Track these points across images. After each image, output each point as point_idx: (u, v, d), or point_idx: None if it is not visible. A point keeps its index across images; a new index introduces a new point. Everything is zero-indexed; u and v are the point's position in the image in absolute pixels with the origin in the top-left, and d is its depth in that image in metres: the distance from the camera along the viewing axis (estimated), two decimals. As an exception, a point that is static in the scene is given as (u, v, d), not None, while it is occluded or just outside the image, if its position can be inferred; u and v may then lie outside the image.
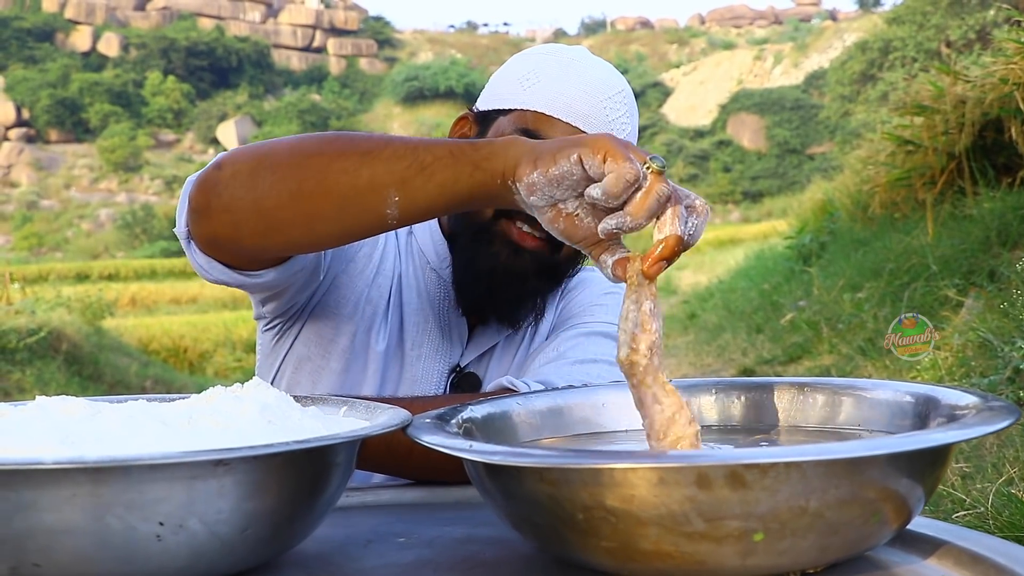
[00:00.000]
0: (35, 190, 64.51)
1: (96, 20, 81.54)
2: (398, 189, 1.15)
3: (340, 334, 1.68)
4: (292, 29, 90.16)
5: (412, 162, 1.14)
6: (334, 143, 1.21)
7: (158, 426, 0.96)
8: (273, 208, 1.23)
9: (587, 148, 1.00)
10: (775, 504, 0.85)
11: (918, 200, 7.50)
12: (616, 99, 1.62)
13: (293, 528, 0.99)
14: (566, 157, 1.01)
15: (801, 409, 1.22)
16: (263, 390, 1.08)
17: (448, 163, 1.13)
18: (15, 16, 78.48)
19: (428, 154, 1.14)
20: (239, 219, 1.27)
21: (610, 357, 1.66)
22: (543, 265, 1.62)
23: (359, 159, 1.17)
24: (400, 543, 1.13)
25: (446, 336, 1.73)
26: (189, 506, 0.88)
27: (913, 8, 33.55)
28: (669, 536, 0.87)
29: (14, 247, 55.68)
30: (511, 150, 1.09)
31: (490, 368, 1.75)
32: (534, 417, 1.21)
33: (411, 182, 1.14)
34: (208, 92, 78.47)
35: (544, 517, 0.93)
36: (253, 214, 1.25)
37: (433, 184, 1.14)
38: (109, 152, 67.87)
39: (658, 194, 0.98)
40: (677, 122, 73.82)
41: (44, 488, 0.85)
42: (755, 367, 7.51)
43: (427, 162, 1.14)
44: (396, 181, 1.15)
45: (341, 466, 1.01)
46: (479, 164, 1.11)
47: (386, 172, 1.15)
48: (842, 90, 41.74)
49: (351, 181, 1.17)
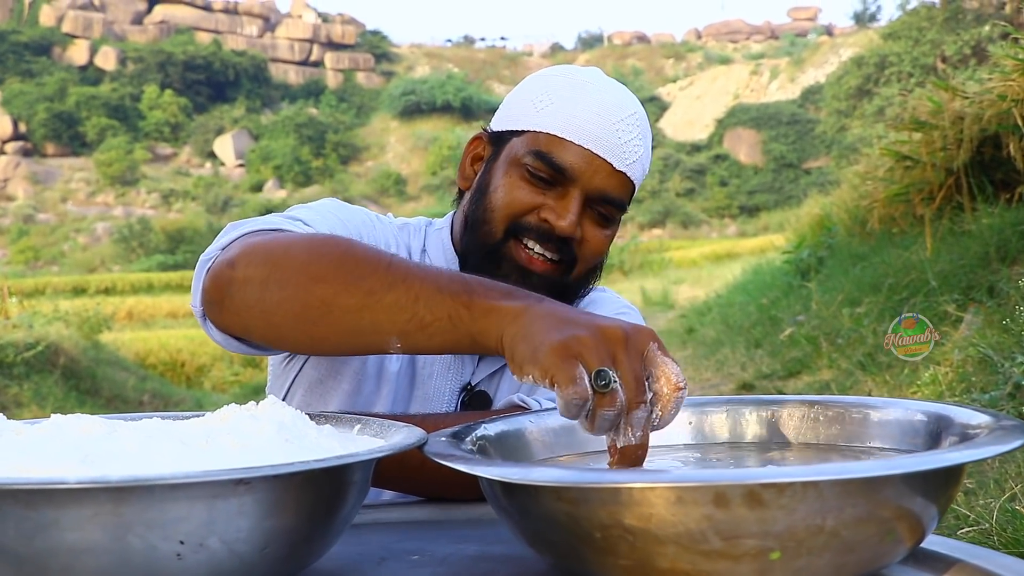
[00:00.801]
0: (32, 204, 64.49)
1: (93, 34, 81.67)
2: (400, 338, 1.18)
3: (351, 357, 1.67)
4: (289, 43, 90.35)
5: (412, 316, 1.16)
6: (341, 269, 1.21)
7: (176, 445, 0.97)
8: (280, 324, 1.26)
9: (537, 370, 1.01)
10: (792, 523, 0.86)
11: (916, 216, 7.53)
12: (628, 121, 1.63)
13: (311, 547, 0.99)
14: (526, 374, 1.03)
15: (811, 427, 1.22)
16: (279, 408, 1.08)
17: (447, 327, 1.14)
18: (12, 30, 78.60)
19: (428, 312, 1.15)
20: (248, 323, 1.31)
21: None
22: (553, 287, 1.63)
23: (363, 299, 1.18)
24: (413, 560, 1.13)
25: (457, 355, 1.73)
26: (210, 525, 0.88)
27: (909, 24, 33.75)
28: (686, 554, 0.88)
29: (10, 261, 55.63)
30: (504, 337, 1.09)
31: (501, 386, 1.75)
32: (547, 435, 1.21)
33: (411, 336, 1.17)
34: (205, 106, 78.59)
35: (561, 535, 0.93)
36: (261, 322, 1.28)
37: (433, 344, 1.16)
38: (106, 166, 67.93)
39: (602, 417, 1.00)
40: (674, 136, 74.02)
41: (66, 507, 0.85)
42: (754, 382, 7.52)
43: (427, 321, 1.15)
44: (398, 332, 1.17)
45: (358, 484, 1.02)
46: (476, 339, 1.12)
47: (387, 321, 1.17)
48: (838, 105, 41.92)
49: (354, 321, 1.19)
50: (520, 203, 1.63)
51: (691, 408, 1.27)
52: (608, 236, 1.68)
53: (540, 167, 1.61)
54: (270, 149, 71.15)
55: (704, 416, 1.26)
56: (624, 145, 1.62)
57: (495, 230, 1.64)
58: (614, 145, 1.61)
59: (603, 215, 1.65)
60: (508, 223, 1.63)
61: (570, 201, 1.61)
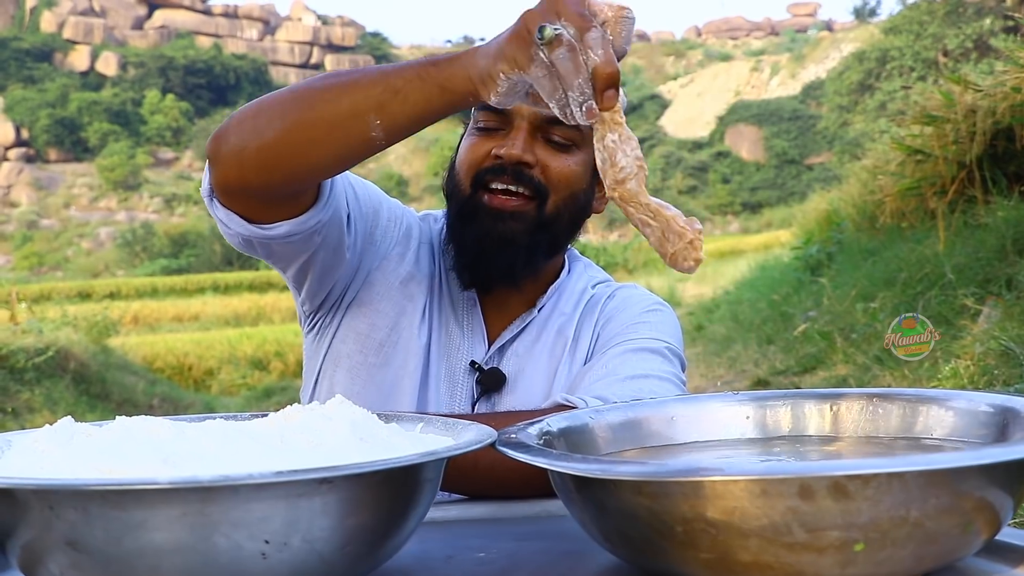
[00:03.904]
0: (35, 209, 64.56)
1: (94, 40, 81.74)
2: (377, 113, 1.28)
3: (376, 328, 1.74)
4: (290, 46, 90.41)
5: (385, 87, 1.27)
6: (324, 79, 1.36)
7: (253, 445, 0.97)
8: (272, 142, 1.36)
9: (504, 64, 1.16)
10: (877, 514, 0.86)
11: (928, 210, 7.52)
12: None
13: (388, 545, 0.99)
14: (498, 74, 1.17)
15: (871, 420, 1.22)
16: (348, 407, 1.09)
17: (417, 86, 1.25)
18: (14, 37, 78.69)
19: (399, 78, 1.27)
20: (244, 158, 1.39)
21: (659, 372, 1.67)
22: (531, 224, 1.67)
23: (340, 89, 1.32)
24: (480, 558, 1.13)
25: (466, 331, 1.77)
26: (294, 524, 0.89)
27: (910, 18, 33.65)
28: (770, 547, 0.88)
29: (14, 267, 55.70)
30: (469, 70, 1.21)
31: (507, 362, 1.77)
32: (608, 430, 1.21)
33: (388, 106, 1.28)
34: (206, 110, 78.63)
35: (640, 530, 0.93)
36: (256, 151, 1.38)
37: (408, 106, 1.27)
38: (108, 171, 67.98)
39: (559, 60, 1.10)
40: (675, 134, 73.97)
41: (155, 508, 0.85)
42: (769, 378, 7.52)
43: (398, 86, 1.26)
44: (374, 106, 1.28)
45: (432, 482, 1.02)
46: (444, 85, 1.24)
47: (364, 98, 1.29)
48: (840, 100, 41.82)
49: (335, 108, 1.31)
50: (476, 154, 1.69)
51: (750, 402, 1.27)
52: (574, 163, 1.69)
53: (484, 117, 1.69)
54: (272, 152, 71.19)
55: (763, 410, 1.26)
56: None
57: (464, 188, 1.70)
58: None
59: (558, 141, 1.67)
60: (472, 175, 1.69)
61: (515, 132, 1.66)
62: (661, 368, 1.68)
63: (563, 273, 1.86)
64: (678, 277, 25.55)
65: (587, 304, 1.84)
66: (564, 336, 1.79)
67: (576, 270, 1.89)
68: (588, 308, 1.83)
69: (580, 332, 1.80)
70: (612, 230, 48.59)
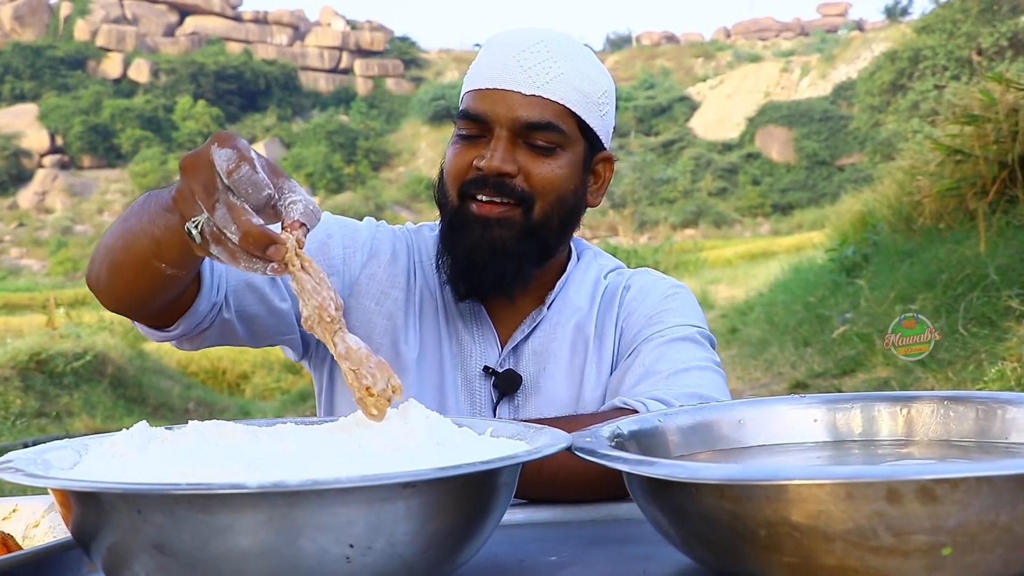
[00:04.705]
0: (69, 216, 65.14)
1: (127, 47, 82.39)
2: (159, 259, 1.30)
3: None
4: (319, 51, 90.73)
5: (151, 240, 1.28)
6: (123, 223, 1.38)
7: (332, 450, 0.98)
8: (107, 281, 1.44)
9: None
10: (965, 518, 0.85)
11: (968, 210, 7.44)
12: (532, 50, 1.66)
13: (467, 549, 0.99)
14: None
15: (942, 423, 1.22)
16: (421, 411, 1.09)
17: (170, 237, 1.24)
18: (48, 45, 79.44)
19: (157, 227, 1.26)
20: (101, 292, 1.48)
21: (698, 361, 1.67)
22: (519, 230, 1.66)
23: (124, 241, 1.36)
24: (552, 562, 1.13)
25: (476, 337, 1.76)
26: (378, 528, 0.89)
27: (943, 16, 33.32)
28: (855, 551, 0.87)
29: (49, 272, 56.17)
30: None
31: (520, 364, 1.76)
32: (678, 433, 1.21)
33: (162, 254, 1.28)
34: (237, 115, 79.05)
35: (721, 534, 0.93)
36: (105, 287, 1.46)
37: (176, 252, 1.27)
38: (141, 176, 68.41)
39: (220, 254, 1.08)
40: (705, 136, 73.64)
41: (241, 512, 0.86)
42: (807, 381, 7.46)
43: (158, 236, 1.26)
44: (152, 256, 1.30)
45: (509, 486, 1.03)
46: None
47: (142, 250, 1.31)
48: (872, 100, 41.46)
49: (130, 259, 1.35)
50: (459, 164, 1.68)
51: (818, 404, 1.26)
52: (559, 167, 1.67)
53: (464, 125, 1.69)
54: (302, 157, 71.48)
55: (832, 413, 1.25)
56: (529, 71, 1.64)
57: (451, 198, 1.69)
58: (516, 73, 1.64)
59: (541, 146, 1.66)
60: (458, 187, 1.68)
61: (495, 141, 1.65)
62: (698, 357, 1.68)
63: (570, 264, 1.84)
64: (709, 279, 25.43)
65: (603, 297, 1.82)
66: (584, 334, 1.77)
67: (585, 258, 1.87)
68: (606, 301, 1.82)
69: (603, 329, 1.79)
70: (642, 232, 48.47)
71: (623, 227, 46.12)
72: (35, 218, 64.59)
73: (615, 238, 40.57)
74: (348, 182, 71.42)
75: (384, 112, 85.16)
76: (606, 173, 1.79)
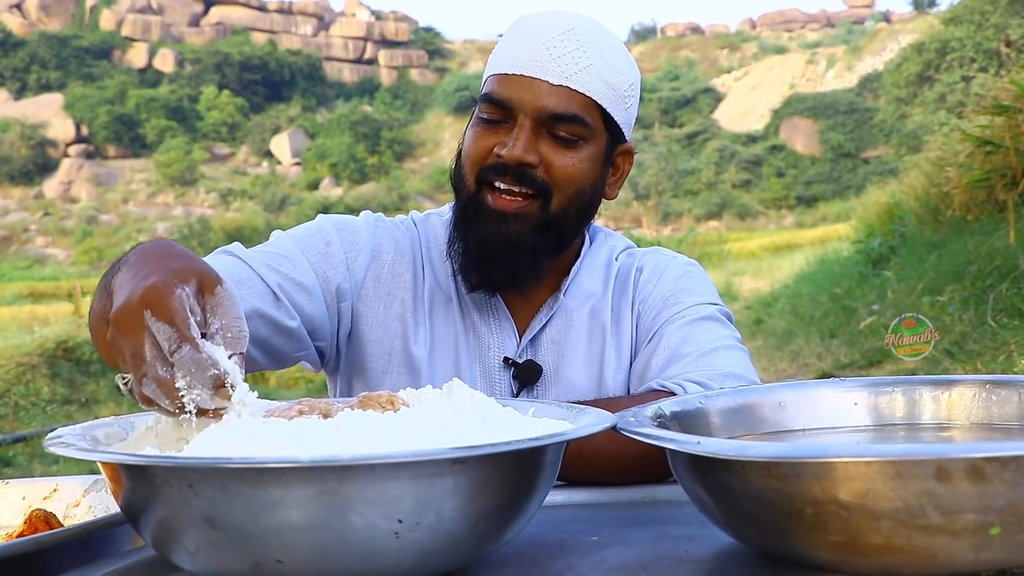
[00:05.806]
0: (94, 205, 65.53)
1: (152, 37, 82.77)
2: None
3: (372, 357, 1.73)
4: (343, 41, 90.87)
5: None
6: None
7: (380, 427, 0.98)
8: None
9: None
10: (1015, 497, 0.85)
11: (997, 201, 7.39)
12: (562, 38, 1.63)
13: (512, 526, 1.00)
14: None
15: (984, 407, 1.21)
16: (465, 390, 1.09)
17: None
18: (74, 35, 79.91)
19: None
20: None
21: (724, 340, 1.67)
22: (536, 224, 1.64)
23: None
24: (594, 542, 1.14)
25: (494, 328, 1.74)
26: (427, 504, 0.90)
27: (971, 7, 33.02)
28: (903, 530, 0.87)
29: (75, 261, 56.52)
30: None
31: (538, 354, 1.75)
32: (720, 415, 1.21)
33: None
34: (262, 105, 79.29)
35: (767, 512, 0.93)
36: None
37: None
38: (165, 166, 68.79)
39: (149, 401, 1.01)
40: (729, 127, 73.32)
41: (293, 486, 0.87)
42: (834, 372, 7.43)
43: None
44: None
45: (554, 465, 1.03)
46: None
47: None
48: (898, 92, 41.17)
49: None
50: (480, 149, 1.65)
51: (859, 388, 1.26)
52: (580, 160, 1.65)
53: (487, 109, 1.65)
54: (326, 147, 71.64)
55: (874, 396, 1.25)
56: (558, 60, 1.61)
57: (468, 183, 1.67)
58: (545, 62, 1.61)
59: (564, 137, 1.63)
60: (476, 172, 1.65)
61: (517, 130, 1.61)
62: (722, 335, 1.68)
63: (584, 248, 1.82)
64: (733, 271, 25.36)
65: (616, 279, 1.80)
66: (601, 319, 1.76)
67: (597, 241, 1.85)
68: (619, 284, 1.80)
69: (619, 314, 1.77)
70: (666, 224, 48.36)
71: (647, 218, 46.07)
72: (60, 207, 65.02)
73: (639, 229, 40.52)
74: (372, 173, 71.52)
75: (408, 103, 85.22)
76: (625, 166, 1.77)
